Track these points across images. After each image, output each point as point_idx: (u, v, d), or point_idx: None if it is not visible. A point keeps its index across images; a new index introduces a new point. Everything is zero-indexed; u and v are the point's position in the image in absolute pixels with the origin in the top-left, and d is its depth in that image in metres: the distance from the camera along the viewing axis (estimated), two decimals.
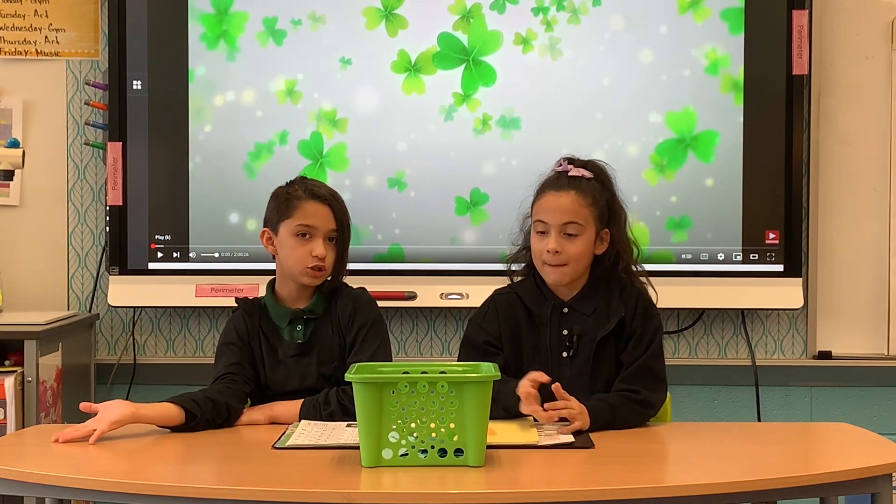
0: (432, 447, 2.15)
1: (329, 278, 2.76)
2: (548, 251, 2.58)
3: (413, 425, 2.15)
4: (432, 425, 2.15)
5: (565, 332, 2.63)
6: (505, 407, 2.46)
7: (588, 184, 2.64)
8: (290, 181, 2.80)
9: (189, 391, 2.57)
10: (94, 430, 2.37)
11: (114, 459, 2.27)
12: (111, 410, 2.41)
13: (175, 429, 2.47)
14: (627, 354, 2.61)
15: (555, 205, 2.60)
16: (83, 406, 2.47)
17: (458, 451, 2.16)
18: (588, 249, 2.62)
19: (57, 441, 2.36)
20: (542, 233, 2.61)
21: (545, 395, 2.47)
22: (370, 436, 2.15)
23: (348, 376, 2.19)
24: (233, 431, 2.52)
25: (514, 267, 2.75)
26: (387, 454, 2.16)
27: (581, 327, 2.63)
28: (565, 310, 2.65)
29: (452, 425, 2.15)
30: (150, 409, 2.46)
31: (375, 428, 2.15)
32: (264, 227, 2.77)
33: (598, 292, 2.66)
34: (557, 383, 2.44)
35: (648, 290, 2.70)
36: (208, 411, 2.51)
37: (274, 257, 2.77)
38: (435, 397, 2.15)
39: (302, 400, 2.63)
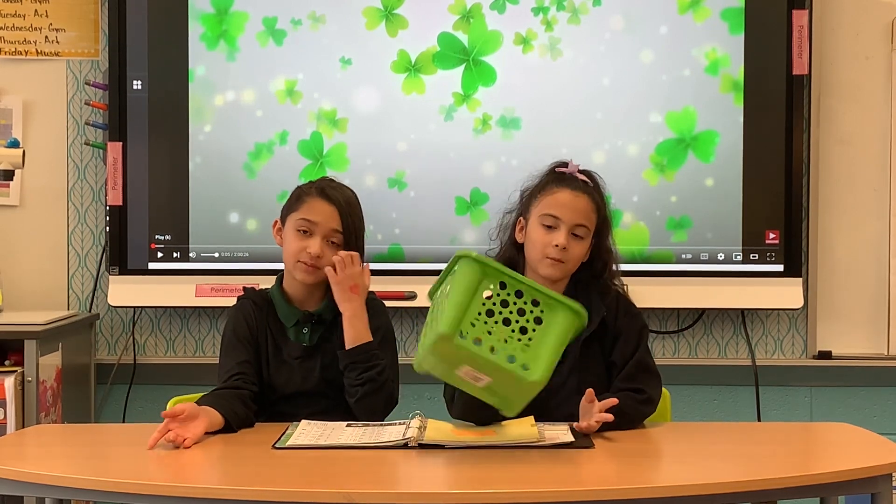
0: (504, 350, 2.19)
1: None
2: (555, 245, 2.59)
3: (493, 326, 2.19)
4: (511, 333, 2.19)
5: None
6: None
7: (594, 191, 2.67)
8: (316, 179, 2.79)
9: (211, 391, 2.56)
10: (185, 437, 2.30)
11: (114, 459, 2.27)
12: (196, 423, 2.34)
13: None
14: (618, 354, 2.62)
15: (572, 203, 2.62)
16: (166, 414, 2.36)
17: (525, 367, 2.19)
18: (584, 254, 2.65)
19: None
20: (551, 227, 2.61)
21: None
22: (457, 308, 2.18)
23: (457, 254, 2.25)
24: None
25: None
26: (462, 335, 2.18)
27: None
28: None
29: (530, 340, 2.19)
30: (211, 417, 2.41)
31: (465, 305, 2.18)
32: (277, 219, 2.77)
33: (578, 296, 2.64)
34: (590, 389, 2.45)
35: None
36: (245, 423, 2.50)
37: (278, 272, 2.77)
38: (526, 309, 2.21)
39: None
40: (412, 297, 3.71)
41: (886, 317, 3.79)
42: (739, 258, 3.71)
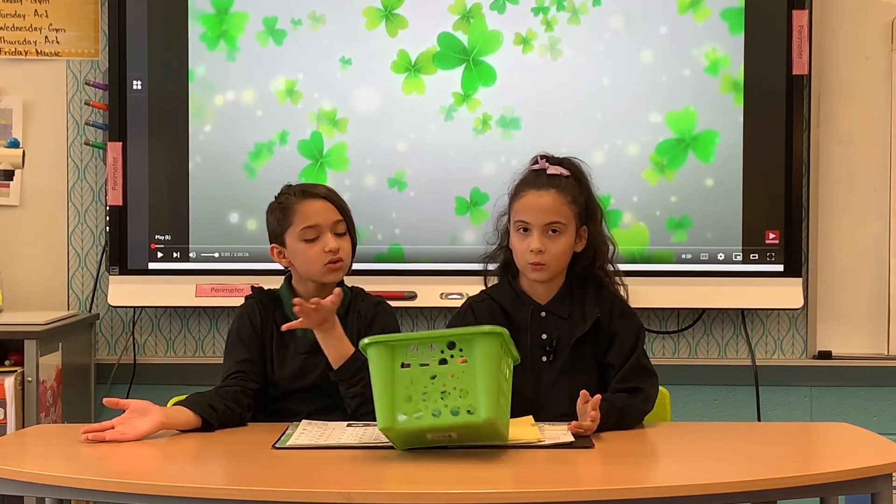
0: (445, 406, 2.18)
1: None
2: (531, 250, 2.58)
3: (425, 388, 2.19)
4: (443, 385, 2.19)
5: (544, 336, 2.63)
6: None
7: (567, 182, 2.63)
8: (280, 192, 2.79)
9: (200, 391, 2.56)
10: (122, 434, 2.36)
11: (113, 459, 2.27)
12: (143, 420, 2.39)
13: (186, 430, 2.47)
14: (614, 355, 2.61)
15: (537, 204, 2.60)
16: (107, 402, 2.45)
17: (470, 412, 2.18)
18: (570, 247, 2.63)
19: (86, 438, 2.35)
20: (525, 231, 2.61)
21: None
22: (384, 397, 2.19)
23: (362, 344, 2.24)
24: (232, 431, 2.51)
25: (489, 267, 2.76)
26: (401, 418, 2.19)
27: (559, 331, 2.63)
28: (543, 314, 2.65)
29: (463, 386, 2.18)
30: (176, 416, 2.44)
31: (389, 391, 2.19)
32: (271, 244, 2.75)
33: (573, 294, 2.66)
34: (585, 390, 2.43)
35: (621, 290, 2.71)
36: (226, 419, 2.51)
37: (287, 269, 2.77)
38: (445, 356, 2.20)
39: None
40: (412, 297, 3.71)
41: (886, 317, 3.79)
42: (739, 258, 3.71)
